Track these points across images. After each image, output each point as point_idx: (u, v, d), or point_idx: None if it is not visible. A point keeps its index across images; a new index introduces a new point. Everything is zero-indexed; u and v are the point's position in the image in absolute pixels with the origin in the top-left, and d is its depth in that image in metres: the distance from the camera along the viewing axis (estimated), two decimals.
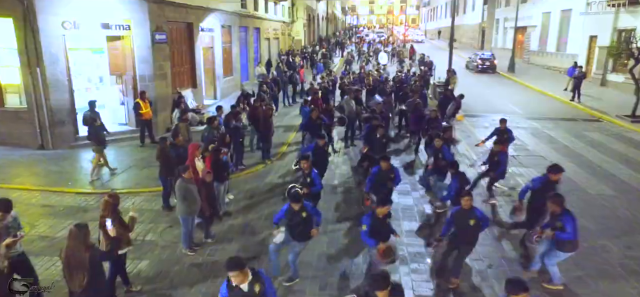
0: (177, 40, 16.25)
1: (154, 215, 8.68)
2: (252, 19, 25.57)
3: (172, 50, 15.72)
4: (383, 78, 18.62)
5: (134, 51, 13.58)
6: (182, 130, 10.20)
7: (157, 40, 14.03)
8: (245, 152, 12.08)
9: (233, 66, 22.58)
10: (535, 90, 23.61)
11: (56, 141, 12.37)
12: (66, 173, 10.80)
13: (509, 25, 40.04)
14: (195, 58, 17.50)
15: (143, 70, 13.78)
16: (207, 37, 19.15)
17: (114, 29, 12.98)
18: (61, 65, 12.02)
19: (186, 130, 10.45)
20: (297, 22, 39.49)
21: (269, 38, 30.44)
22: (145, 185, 10.17)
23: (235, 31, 22.45)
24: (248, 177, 10.96)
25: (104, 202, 5.68)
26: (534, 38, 34.26)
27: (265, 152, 11.95)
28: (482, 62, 31.08)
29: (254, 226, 8.30)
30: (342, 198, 9.67)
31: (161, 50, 14.38)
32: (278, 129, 14.96)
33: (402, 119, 14.97)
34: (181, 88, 16.37)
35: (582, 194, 9.75)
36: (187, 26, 16.97)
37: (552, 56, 30.64)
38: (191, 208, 7.02)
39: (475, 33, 52.12)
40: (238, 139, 11.00)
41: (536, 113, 17.97)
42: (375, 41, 52.33)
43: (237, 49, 22.93)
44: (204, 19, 18.12)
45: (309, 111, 12.99)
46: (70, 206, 8.97)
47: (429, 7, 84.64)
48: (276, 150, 12.85)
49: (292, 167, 11.40)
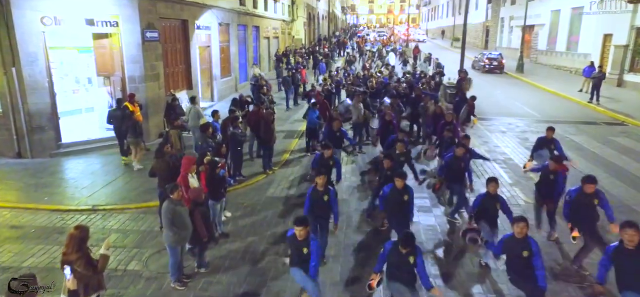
0: (171, 38, 15.12)
1: (140, 238, 7.55)
2: (252, 17, 24.46)
3: (166, 50, 14.60)
4: (387, 80, 17.48)
5: (123, 50, 12.45)
6: (173, 138, 9.08)
7: (149, 39, 12.91)
8: (245, 161, 10.99)
9: (231, 66, 21.47)
10: (547, 92, 22.53)
11: (35, 149, 11.23)
12: (44, 186, 9.66)
13: (515, 24, 38.96)
14: (191, 58, 16.37)
15: (133, 70, 12.65)
16: (203, 35, 18.03)
17: (100, 26, 11.85)
18: (40, 65, 10.88)
19: (178, 139, 9.30)
20: (298, 21, 38.38)
21: (269, 37, 29.32)
22: (133, 200, 9.04)
23: (234, 29, 21.33)
24: (248, 191, 9.84)
25: (69, 237, 4.56)
26: (542, 37, 33.19)
27: (266, 161, 10.83)
28: (489, 62, 30.02)
29: (255, 251, 7.18)
30: (354, 216, 8.55)
31: (153, 50, 13.25)
32: (279, 135, 13.84)
33: (413, 124, 13.88)
34: (176, 90, 15.25)
35: (628, 211, 8.59)
36: (182, 24, 15.85)
37: (562, 56, 29.57)
38: (181, 236, 5.90)
39: (479, 32, 51.08)
40: (236, 148, 9.88)
41: (553, 116, 16.88)
42: (376, 41, 51.29)
43: (236, 48, 21.82)
44: (200, 16, 16.99)
45: (316, 116, 11.92)
46: (43, 227, 7.84)
47: (429, 6, 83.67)
48: (278, 158, 11.75)
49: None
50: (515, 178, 10.34)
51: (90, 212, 8.50)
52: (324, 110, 12.93)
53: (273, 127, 10.73)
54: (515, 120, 16.18)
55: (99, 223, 8.06)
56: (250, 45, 24.53)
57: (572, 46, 28.30)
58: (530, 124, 15.67)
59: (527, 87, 24.53)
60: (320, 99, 13.22)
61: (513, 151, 12.47)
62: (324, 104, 13.07)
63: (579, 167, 9.96)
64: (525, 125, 15.54)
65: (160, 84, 13.88)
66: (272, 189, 9.91)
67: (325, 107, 13.03)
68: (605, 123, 15.84)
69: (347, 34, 63.70)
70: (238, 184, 10.03)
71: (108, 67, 12.73)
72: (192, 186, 6.77)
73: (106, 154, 12.07)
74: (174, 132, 9.31)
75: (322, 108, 12.81)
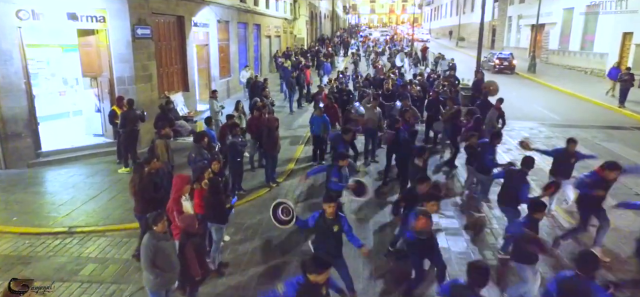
0: (165, 36, 13.94)
1: (121, 270, 6.36)
2: (252, 14, 23.28)
3: (159, 48, 13.42)
4: (400, 82, 16.26)
5: (111, 48, 11.27)
6: (160, 148, 7.87)
7: (139, 36, 11.72)
8: (245, 171, 9.82)
9: (231, 66, 20.29)
10: (564, 93, 21.34)
11: (10, 159, 10.04)
12: (15, 203, 8.47)
13: (523, 22, 37.82)
14: (187, 57, 15.20)
15: (121, 71, 11.46)
16: (201, 33, 16.87)
17: (84, 21, 10.66)
18: (16, 65, 9.69)
19: (165, 150, 8.07)
20: (300, 20, 37.19)
21: (270, 36, 28.15)
22: (117, 219, 7.86)
23: (234, 27, 20.16)
24: (248, 208, 8.66)
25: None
26: (554, 36, 32.01)
27: (269, 172, 9.65)
28: (500, 62, 28.82)
29: (258, 286, 6.00)
30: (370, 243, 7.36)
31: (144, 48, 12.07)
32: (283, 142, 12.66)
33: (428, 130, 12.69)
34: (170, 92, 14.08)
35: None
36: (177, 20, 14.67)
37: (575, 55, 28.39)
38: (164, 278, 4.72)
39: (485, 31, 49.77)
40: (236, 158, 8.70)
41: (577, 120, 15.71)
42: (379, 40, 50.16)
43: (236, 47, 20.64)
44: (197, 12, 15.82)
45: (322, 122, 10.74)
46: (5, 255, 6.64)
47: (432, 5, 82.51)
48: (282, 168, 10.57)
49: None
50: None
51: (66, 235, 7.31)
52: (333, 116, 11.74)
53: (277, 134, 9.53)
54: (536, 125, 14.99)
55: (74, 249, 6.87)
56: (250, 43, 23.35)
57: (587, 45, 27.13)
58: (554, 129, 14.45)
59: (541, 88, 23.34)
60: (328, 102, 12.01)
61: (542, 158, 11.26)
62: (332, 109, 11.86)
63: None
64: (548, 130, 14.33)
65: (153, 85, 12.70)
66: None
67: (334, 112, 11.82)
68: (635, 128, 14.66)
69: (350, 33, 62.53)
70: (238, 199, 8.85)
71: (94, 67, 11.54)
72: (185, 211, 5.59)
73: (93, 162, 10.89)
74: (160, 141, 8.08)
75: (330, 114, 11.61)
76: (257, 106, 11.08)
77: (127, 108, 10.31)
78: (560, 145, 12.49)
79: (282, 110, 16.81)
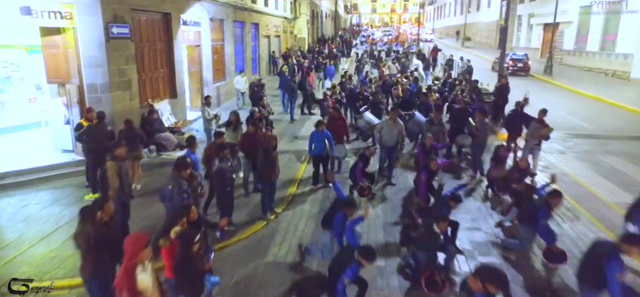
0: (149, 35, 12.21)
1: None
2: (250, 12, 21.54)
3: (141, 49, 11.70)
4: (414, 87, 14.51)
5: (79, 50, 9.56)
6: (110, 173, 6.13)
7: (115, 35, 10.02)
8: (237, 197, 8.14)
9: (226, 69, 18.57)
10: (589, 97, 19.60)
11: None
12: None
13: (535, 22, 36.09)
14: (175, 59, 13.47)
15: (93, 76, 9.76)
16: (192, 32, 15.14)
17: (45, 18, 8.94)
18: None
19: (118, 176, 6.24)
20: (300, 19, 35.43)
21: (269, 36, 26.42)
22: (69, 271, 6.12)
23: (229, 26, 18.43)
24: (239, 249, 6.95)
25: None
26: (569, 36, 30.26)
27: (266, 201, 7.92)
28: (513, 64, 27.07)
29: None
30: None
31: (122, 49, 10.36)
32: (282, 157, 10.94)
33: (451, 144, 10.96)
34: (154, 100, 12.36)
35: None
36: (163, 18, 12.94)
37: (594, 56, 26.67)
38: None
39: (492, 31, 48.18)
40: (225, 188, 6.98)
41: (611, 129, 13.99)
42: (382, 40, 48.47)
43: (231, 47, 18.92)
44: (187, 9, 14.09)
45: (324, 139, 9.03)
46: None
47: (435, 5, 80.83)
48: (281, 193, 8.85)
49: None
50: (613, 225, 7.38)
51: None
52: (340, 128, 10.02)
53: (275, 156, 7.79)
54: (567, 135, 13.23)
55: None
56: (248, 44, 21.61)
57: (607, 46, 25.40)
58: (589, 141, 12.68)
59: (561, 91, 21.59)
60: (334, 112, 10.27)
61: (590, 180, 9.56)
62: (340, 120, 10.12)
63: None
64: (584, 142, 12.59)
65: (133, 93, 10.99)
66: (275, 246, 7.01)
67: (341, 124, 10.10)
68: None
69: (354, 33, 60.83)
70: (226, 238, 7.14)
71: (61, 71, 9.82)
72: (140, 288, 3.87)
73: (59, 185, 9.19)
74: (111, 165, 6.26)
75: (335, 126, 9.89)
76: (254, 119, 9.36)
77: (96, 122, 8.61)
78: (604, 161, 10.90)
79: (282, 120, 15.09)
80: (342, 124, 10.16)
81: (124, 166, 6.37)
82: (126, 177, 6.38)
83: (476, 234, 7.26)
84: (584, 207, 8.09)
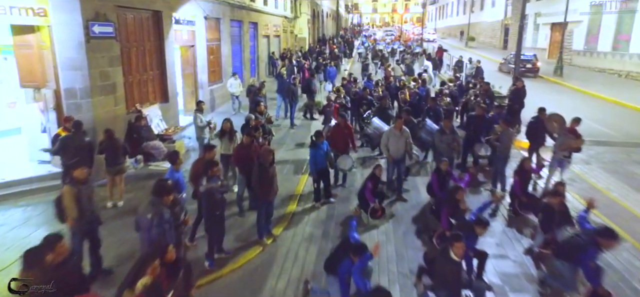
0: (137, 35, 11.25)
1: None
2: (248, 11, 20.57)
3: (127, 50, 10.75)
4: (423, 91, 13.51)
5: (55, 51, 8.60)
6: (66, 200, 5.17)
7: (97, 35, 9.06)
8: (229, 217, 7.22)
9: (222, 70, 17.60)
10: (606, 100, 18.57)
11: None
12: None
13: (542, 21, 35.11)
14: (166, 60, 12.50)
15: (71, 80, 8.80)
16: (185, 32, 14.19)
17: (13, 14, 7.99)
18: None
19: (75, 202, 5.26)
20: (301, 18, 34.44)
21: (268, 35, 25.45)
22: None
23: (226, 25, 17.48)
24: (232, 281, 5.99)
25: None
26: (578, 36, 29.28)
27: (262, 223, 6.96)
28: (522, 64, 26.02)
29: None
30: None
31: (105, 50, 9.40)
32: (281, 168, 10.01)
33: (466, 153, 9.98)
34: (143, 105, 11.39)
35: None
36: (153, 16, 11.98)
37: (606, 57, 25.71)
38: None
39: (496, 31, 47.24)
40: (213, 212, 6.02)
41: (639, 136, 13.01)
42: (385, 40, 47.52)
43: (228, 48, 17.96)
44: (179, 7, 13.14)
45: (325, 152, 8.08)
46: None
47: (436, 4, 79.86)
48: (280, 211, 7.91)
49: None
50: None
51: None
52: (346, 137, 9.05)
53: (272, 172, 6.82)
54: (590, 143, 12.24)
55: None
56: (246, 44, 20.64)
57: (621, 46, 24.44)
58: (619, 150, 11.67)
59: (575, 94, 20.60)
60: (341, 120, 9.27)
61: (626, 197, 8.59)
62: (346, 130, 9.14)
63: None
64: (609, 151, 11.61)
65: (118, 98, 10.03)
66: (272, 278, 6.06)
67: (348, 133, 9.13)
68: None
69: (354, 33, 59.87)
70: (215, 268, 6.18)
71: (35, 74, 8.87)
72: None
73: (33, 200, 8.26)
74: (67, 190, 5.23)
75: (340, 135, 8.92)
76: (250, 129, 8.40)
77: (73, 132, 7.66)
78: (635, 173, 9.92)
79: (281, 125, 14.14)
80: (348, 133, 9.18)
81: (85, 190, 5.38)
82: (90, 202, 5.40)
83: (504, 264, 6.31)
84: (625, 230, 7.12)
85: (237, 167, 7.79)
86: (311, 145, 8.20)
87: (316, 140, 8.08)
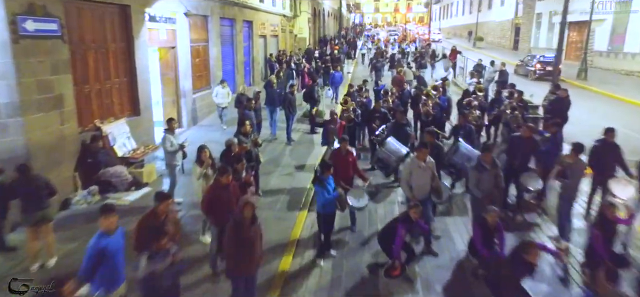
0: (95, 34, 9.13)
1: None
2: (241, 8, 18.42)
3: (81, 53, 8.64)
4: (445, 101, 11.27)
5: None
6: None
7: (31, 33, 6.95)
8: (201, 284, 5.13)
9: (211, 75, 15.48)
10: None
11: None
12: None
13: (557, 20, 32.84)
14: (137, 65, 10.37)
15: None
16: (164, 31, 12.07)
17: None
18: None
19: None
20: (301, 18, 32.30)
21: (265, 35, 23.29)
22: None
23: (214, 24, 15.34)
24: None
25: None
26: (601, 35, 27.12)
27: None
28: (541, 67, 23.94)
29: None
30: None
31: (45, 53, 7.29)
32: (272, 202, 7.86)
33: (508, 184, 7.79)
34: (105, 121, 9.26)
35: None
36: (119, 12, 9.87)
37: (635, 58, 23.57)
38: None
39: (506, 31, 45.11)
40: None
41: None
42: (389, 40, 45.45)
43: (218, 49, 15.81)
44: (153, 1, 11.00)
45: (331, 191, 5.95)
46: None
47: (440, 4, 77.82)
48: (269, 268, 5.77)
49: None
50: None
51: None
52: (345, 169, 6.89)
53: (254, 234, 4.65)
54: None
55: None
56: (239, 45, 18.49)
57: None
58: None
59: (604, 99, 18.40)
60: (342, 145, 7.10)
61: None
62: (350, 157, 6.98)
63: None
64: None
65: (66, 114, 7.89)
66: None
67: (351, 162, 6.97)
68: None
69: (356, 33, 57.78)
70: None
71: None
72: None
73: None
74: None
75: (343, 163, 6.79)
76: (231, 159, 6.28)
77: None
78: None
79: (273, 141, 12.01)
80: (351, 161, 7.03)
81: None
82: None
83: None
84: None
85: (207, 216, 5.65)
86: (315, 181, 6.11)
87: (321, 175, 5.97)
